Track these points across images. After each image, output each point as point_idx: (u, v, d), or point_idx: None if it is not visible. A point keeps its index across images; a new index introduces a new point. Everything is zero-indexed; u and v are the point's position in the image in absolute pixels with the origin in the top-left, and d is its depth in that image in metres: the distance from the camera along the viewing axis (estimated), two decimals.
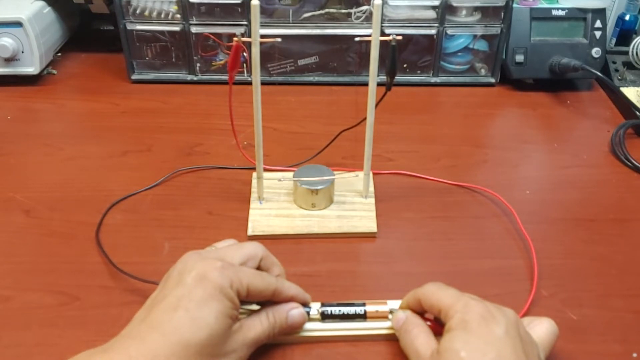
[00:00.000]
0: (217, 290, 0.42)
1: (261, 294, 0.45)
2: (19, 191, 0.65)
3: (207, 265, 0.43)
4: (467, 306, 0.42)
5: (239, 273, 0.44)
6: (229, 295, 0.42)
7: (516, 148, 0.75)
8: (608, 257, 0.58)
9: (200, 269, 0.43)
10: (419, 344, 0.44)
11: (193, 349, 0.40)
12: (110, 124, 0.78)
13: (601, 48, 0.85)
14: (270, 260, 0.49)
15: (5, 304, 0.52)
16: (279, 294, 0.47)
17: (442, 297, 0.44)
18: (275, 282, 0.47)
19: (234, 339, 0.43)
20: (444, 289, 0.45)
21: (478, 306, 0.42)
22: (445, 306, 0.43)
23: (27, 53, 0.83)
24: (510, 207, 0.63)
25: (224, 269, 0.43)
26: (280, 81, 0.87)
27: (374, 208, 0.62)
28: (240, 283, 0.43)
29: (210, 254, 0.46)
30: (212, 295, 0.41)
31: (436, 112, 0.83)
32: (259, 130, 0.58)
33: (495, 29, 0.85)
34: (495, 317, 0.41)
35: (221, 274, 0.42)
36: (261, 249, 0.48)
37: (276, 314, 0.47)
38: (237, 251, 0.47)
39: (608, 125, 0.79)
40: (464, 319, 0.42)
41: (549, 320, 0.45)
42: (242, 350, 0.44)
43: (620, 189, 0.68)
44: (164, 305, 0.41)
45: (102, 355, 0.39)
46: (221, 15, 0.83)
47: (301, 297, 0.49)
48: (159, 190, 0.66)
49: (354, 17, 0.84)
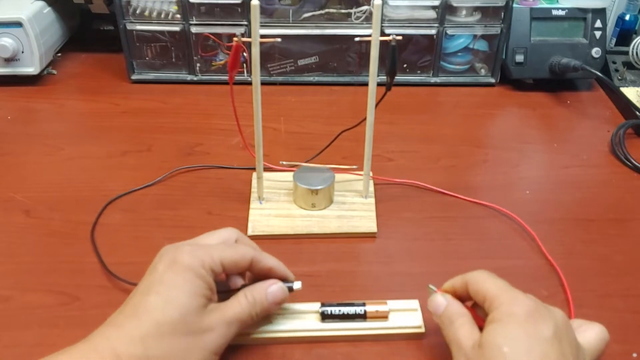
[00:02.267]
0: (187, 271, 0.43)
1: (237, 264, 0.46)
2: (19, 191, 0.65)
3: (177, 251, 0.44)
4: (515, 299, 0.41)
5: (209, 250, 0.45)
6: (201, 274, 0.43)
7: (516, 148, 0.75)
8: (608, 257, 0.58)
9: (170, 255, 0.44)
10: (461, 335, 0.42)
11: (166, 328, 0.40)
12: (110, 124, 0.78)
13: (601, 48, 0.85)
14: (245, 240, 0.50)
15: (5, 304, 0.52)
16: (257, 262, 0.47)
17: (491, 285, 0.42)
18: (252, 251, 0.47)
19: (210, 317, 0.43)
20: (494, 278, 0.44)
21: (527, 301, 0.40)
22: (491, 295, 0.41)
23: (27, 53, 0.83)
24: (509, 210, 0.63)
25: (193, 251, 0.44)
26: (280, 81, 0.87)
27: (374, 208, 0.62)
28: (212, 259, 0.44)
29: (185, 241, 0.47)
30: (182, 276, 0.42)
31: (436, 112, 0.83)
32: (259, 130, 0.58)
33: (495, 29, 0.85)
34: (543, 316, 0.40)
35: (190, 255, 0.43)
36: (235, 231, 0.49)
37: (254, 292, 0.46)
38: (211, 235, 0.48)
39: (608, 125, 0.79)
40: (510, 311, 0.40)
41: (600, 326, 0.43)
42: (220, 328, 0.43)
43: (620, 189, 0.68)
44: (138, 293, 0.43)
45: (82, 344, 0.40)
46: (221, 15, 0.83)
47: (281, 269, 0.48)
48: (158, 190, 0.66)
49: (354, 17, 0.84)
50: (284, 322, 0.49)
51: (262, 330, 0.48)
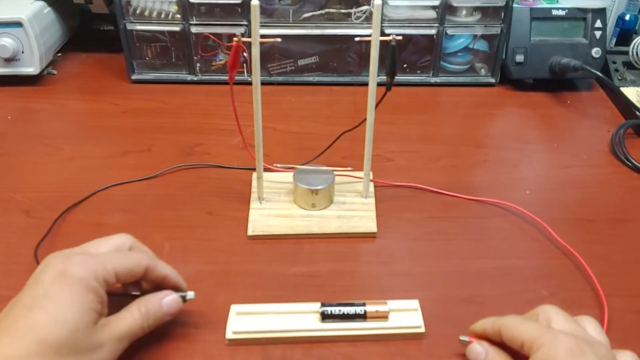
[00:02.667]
0: (78, 285, 0.40)
1: (131, 273, 0.44)
2: (19, 191, 0.65)
3: (66, 261, 0.41)
4: (555, 340, 0.39)
5: (102, 260, 0.42)
6: (93, 287, 0.41)
7: (516, 148, 0.75)
8: (608, 257, 0.58)
9: (58, 266, 0.41)
10: None
11: (51, 347, 0.38)
12: (110, 124, 0.78)
13: (601, 48, 0.85)
14: (139, 247, 0.48)
15: (5, 304, 0.52)
16: (151, 270, 0.45)
17: (527, 328, 0.41)
18: (147, 258, 0.45)
19: (100, 333, 0.41)
20: (528, 322, 0.42)
21: (567, 340, 0.39)
22: (529, 339, 0.40)
23: (27, 53, 0.83)
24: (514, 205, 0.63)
25: (84, 262, 0.41)
26: (280, 81, 0.87)
27: (374, 208, 0.62)
28: (105, 270, 0.42)
29: (74, 250, 0.45)
30: (72, 290, 0.40)
31: (436, 112, 0.83)
32: (259, 130, 0.58)
33: (495, 29, 0.85)
34: (586, 353, 0.38)
35: (81, 266, 0.41)
36: (128, 238, 0.47)
37: (148, 304, 0.45)
38: (102, 242, 0.46)
39: (608, 125, 0.79)
40: (551, 354, 0.38)
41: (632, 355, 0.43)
42: (111, 344, 0.42)
43: (620, 189, 0.68)
44: (18, 307, 0.40)
45: None
46: (221, 15, 0.83)
47: (174, 277, 0.47)
48: (158, 190, 0.66)
49: (354, 17, 0.84)
50: (284, 322, 0.49)
51: (261, 330, 0.48)
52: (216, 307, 0.51)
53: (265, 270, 0.56)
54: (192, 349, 0.48)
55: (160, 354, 0.47)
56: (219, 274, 0.55)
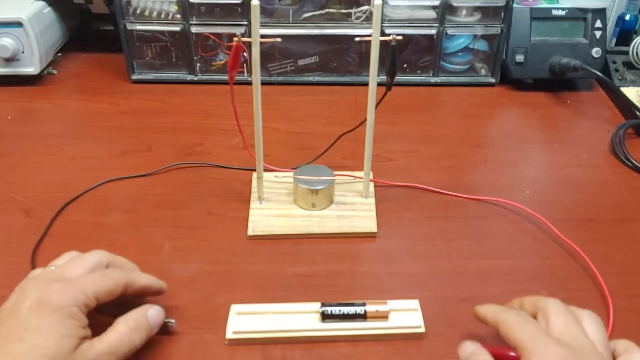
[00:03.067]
0: (57, 314, 0.39)
1: (113, 293, 0.43)
2: (19, 191, 0.65)
3: (44, 290, 0.41)
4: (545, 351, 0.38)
5: (81, 285, 0.42)
6: (72, 313, 0.40)
7: (516, 148, 0.75)
8: (608, 257, 0.58)
9: (35, 296, 0.40)
10: None
11: None
12: (110, 124, 0.78)
13: (601, 48, 0.85)
14: (117, 262, 0.48)
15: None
16: (131, 285, 0.45)
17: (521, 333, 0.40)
18: (125, 275, 0.45)
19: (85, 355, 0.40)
20: (525, 324, 0.41)
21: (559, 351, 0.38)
22: (522, 344, 0.39)
23: (27, 53, 0.83)
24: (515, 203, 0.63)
25: (62, 289, 0.41)
26: (280, 81, 0.87)
27: (374, 208, 0.62)
28: (85, 295, 0.41)
29: (49, 275, 0.44)
30: (51, 320, 0.39)
31: (436, 112, 0.83)
32: (259, 130, 0.58)
33: (495, 29, 0.85)
34: None
35: (60, 294, 0.40)
36: (105, 255, 0.47)
37: (137, 319, 0.44)
38: (79, 264, 0.45)
39: (608, 125, 0.79)
40: None
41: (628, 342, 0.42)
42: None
43: (620, 189, 0.68)
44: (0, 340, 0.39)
45: None
46: (221, 15, 0.83)
47: (155, 285, 0.47)
48: (158, 191, 0.66)
49: (354, 17, 0.84)
50: (284, 322, 0.49)
51: (262, 330, 0.48)
52: (216, 307, 0.51)
53: (265, 270, 0.56)
54: (192, 349, 0.48)
55: (160, 353, 0.47)
56: (219, 274, 0.55)
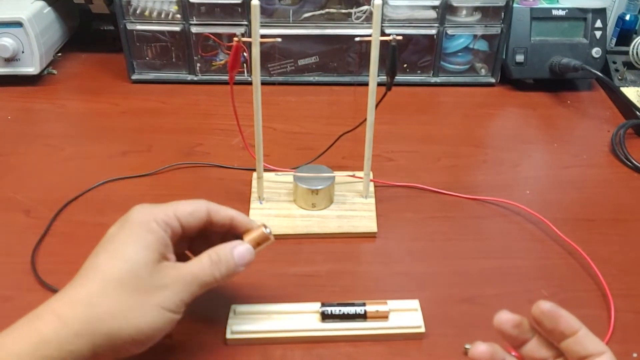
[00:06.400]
0: (138, 227, 0.42)
1: (193, 215, 0.44)
2: (19, 191, 0.65)
3: (129, 212, 0.44)
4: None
5: (162, 206, 0.44)
6: (152, 229, 0.42)
7: (516, 148, 0.75)
8: (608, 257, 0.58)
9: (123, 217, 0.43)
10: None
11: (113, 284, 0.39)
12: (110, 124, 0.78)
13: (601, 48, 0.85)
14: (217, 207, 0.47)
15: (5, 304, 0.52)
16: (215, 212, 0.46)
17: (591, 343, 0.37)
18: (207, 202, 0.46)
19: (165, 273, 0.41)
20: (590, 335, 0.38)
21: None
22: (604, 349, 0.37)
23: (27, 53, 0.83)
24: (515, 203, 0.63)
25: (143, 208, 0.44)
26: (280, 81, 0.87)
27: (374, 208, 0.62)
28: (165, 214, 0.43)
29: None
30: (132, 232, 0.42)
31: (436, 112, 0.83)
32: (259, 130, 0.58)
33: (495, 29, 0.85)
34: None
35: (141, 212, 0.43)
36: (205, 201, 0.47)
37: (219, 251, 0.44)
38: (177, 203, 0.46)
39: (608, 125, 0.79)
40: None
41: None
42: (177, 286, 0.41)
43: (620, 189, 0.68)
44: (89, 257, 0.42)
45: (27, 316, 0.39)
46: (221, 15, 0.83)
47: (242, 218, 0.47)
48: (159, 191, 0.66)
49: (354, 17, 0.84)
50: (284, 322, 0.49)
51: (261, 330, 0.48)
52: (216, 307, 0.51)
53: (265, 270, 0.56)
54: (192, 349, 0.48)
55: (160, 353, 0.47)
56: None
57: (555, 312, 0.37)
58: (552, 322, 0.37)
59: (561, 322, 0.37)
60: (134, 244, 0.41)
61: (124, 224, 0.43)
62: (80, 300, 0.39)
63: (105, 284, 0.39)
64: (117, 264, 0.40)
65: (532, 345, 0.39)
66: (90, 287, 0.39)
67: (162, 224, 0.43)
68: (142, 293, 0.40)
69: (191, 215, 0.44)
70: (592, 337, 0.37)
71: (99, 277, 0.40)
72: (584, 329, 0.37)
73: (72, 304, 0.39)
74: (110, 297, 0.39)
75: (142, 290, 0.40)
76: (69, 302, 0.39)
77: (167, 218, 0.43)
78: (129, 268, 0.40)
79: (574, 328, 0.37)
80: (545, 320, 0.37)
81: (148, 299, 0.40)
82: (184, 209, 0.44)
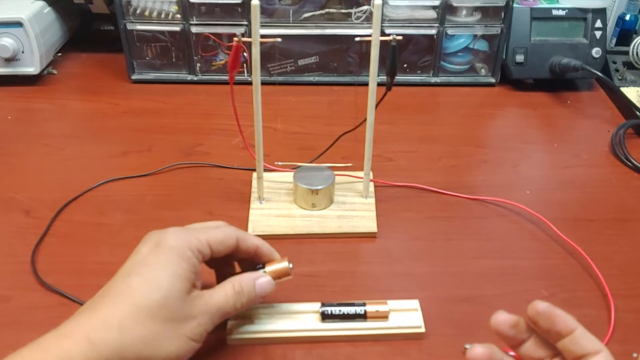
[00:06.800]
0: (172, 253, 0.42)
1: (223, 243, 0.45)
2: (19, 191, 0.65)
3: (163, 234, 0.43)
4: None
5: (195, 232, 0.44)
6: (186, 255, 0.42)
7: (516, 148, 0.75)
8: (608, 257, 0.58)
9: (155, 238, 0.43)
10: None
11: (145, 312, 0.39)
12: (110, 124, 0.78)
13: (601, 48, 0.85)
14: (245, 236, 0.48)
15: (5, 304, 0.52)
16: (243, 241, 0.46)
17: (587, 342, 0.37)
18: (238, 230, 0.46)
19: (194, 304, 0.42)
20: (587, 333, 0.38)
21: None
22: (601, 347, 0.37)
23: (27, 53, 0.83)
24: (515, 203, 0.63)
25: (178, 232, 0.43)
26: (280, 81, 0.87)
27: (374, 208, 0.62)
28: (198, 241, 0.43)
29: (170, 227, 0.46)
30: (166, 258, 0.41)
31: (436, 112, 0.83)
32: (259, 130, 0.58)
33: (495, 29, 0.85)
34: None
35: (176, 237, 0.43)
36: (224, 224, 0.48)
37: (242, 282, 0.45)
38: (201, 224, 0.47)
39: (608, 125, 0.79)
40: None
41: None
42: (203, 317, 0.42)
43: (620, 189, 0.68)
44: (118, 274, 0.42)
45: (52, 332, 0.39)
46: (221, 15, 0.83)
47: (266, 248, 0.48)
48: (159, 191, 0.66)
49: (354, 17, 0.84)
50: (284, 322, 0.49)
51: (262, 330, 0.48)
52: None
53: None
54: None
55: None
56: None
57: (550, 312, 0.37)
58: (547, 322, 0.37)
59: (557, 321, 0.37)
60: (169, 271, 0.41)
61: (157, 247, 0.42)
62: (113, 325, 0.38)
63: (138, 311, 0.39)
64: (151, 292, 0.40)
65: (529, 345, 0.39)
66: (123, 312, 0.39)
67: (196, 251, 0.43)
68: (172, 322, 0.40)
69: (222, 244, 0.45)
70: (588, 336, 0.37)
71: (133, 302, 0.39)
72: (580, 328, 0.37)
73: (105, 328, 0.38)
74: (142, 325, 0.39)
75: (172, 319, 0.40)
76: (102, 325, 0.38)
77: (200, 245, 0.43)
78: (163, 297, 0.40)
79: (569, 327, 0.37)
80: (540, 321, 0.37)
81: (177, 328, 0.41)
82: (216, 236, 0.45)
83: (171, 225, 0.60)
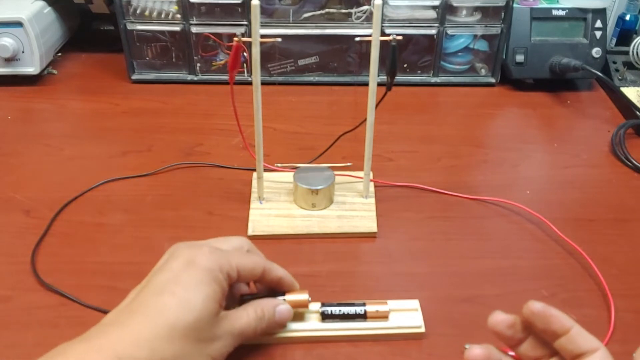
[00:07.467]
0: (206, 274, 0.42)
1: (251, 272, 0.45)
2: (19, 191, 0.65)
3: (195, 251, 0.43)
4: None
5: (227, 255, 0.44)
6: (218, 279, 0.42)
7: (516, 148, 0.75)
8: (608, 257, 0.58)
9: (187, 255, 0.43)
10: None
11: (178, 332, 0.39)
12: (110, 124, 0.78)
13: (601, 48, 0.85)
14: (255, 252, 0.50)
15: (5, 304, 0.52)
16: (268, 272, 0.46)
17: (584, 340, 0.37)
18: (263, 261, 0.47)
19: (221, 325, 0.42)
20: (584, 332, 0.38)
21: None
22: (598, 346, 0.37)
23: (27, 53, 0.83)
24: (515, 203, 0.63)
25: (211, 253, 0.43)
26: (280, 81, 0.87)
27: (374, 208, 0.62)
28: (229, 265, 0.43)
29: (198, 243, 0.46)
30: (200, 279, 0.41)
31: (436, 112, 0.83)
32: (259, 130, 0.58)
33: (495, 29, 0.85)
34: None
35: (209, 258, 0.43)
36: (247, 242, 0.49)
37: (265, 308, 0.46)
38: (224, 241, 0.47)
39: (608, 125, 0.79)
40: None
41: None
42: (227, 338, 0.43)
43: (620, 189, 0.68)
44: (149, 290, 0.41)
45: (80, 344, 0.38)
46: (221, 15, 0.83)
47: (289, 280, 0.48)
48: (159, 191, 0.66)
49: (354, 17, 0.84)
50: None
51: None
52: None
53: None
54: None
55: None
56: None
57: (545, 312, 0.37)
58: (543, 322, 0.37)
59: (552, 321, 0.37)
60: (203, 294, 0.41)
61: (190, 266, 0.42)
62: (145, 345, 0.38)
63: (172, 332, 0.39)
64: (185, 314, 0.40)
65: (528, 344, 0.39)
66: (156, 331, 0.39)
67: (226, 274, 0.43)
68: (200, 342, 0.41)
69: (249, 273, 0.45)
70: (585, 334, 0.37)
71: (167, 322, 0.39)
72: (577, 327, 0.37)
73: (136, 347, 0.38)
74: (174, 345, 0.39)
75: (201, 339, 0.41)
76: (133, 343, 0.38)
77: (230, 270, 0.43)
78: (196, 320, 0.40)
79: (565, 327, 0.37)
80: (536, 321, 0.37)
81: (204, 348, 0.41)
82: (245, 264, 0.45)
83: (171, 225, 0.61)
